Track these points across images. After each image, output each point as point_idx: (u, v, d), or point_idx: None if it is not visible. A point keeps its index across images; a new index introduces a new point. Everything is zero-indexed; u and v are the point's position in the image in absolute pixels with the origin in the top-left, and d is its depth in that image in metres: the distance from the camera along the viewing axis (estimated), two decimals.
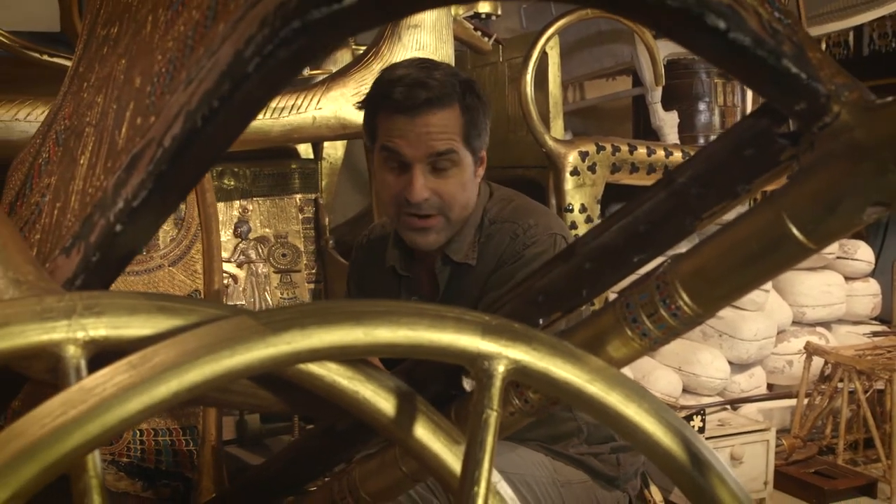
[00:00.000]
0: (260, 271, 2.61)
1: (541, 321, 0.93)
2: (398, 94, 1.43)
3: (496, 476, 0.80)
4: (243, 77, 0.61)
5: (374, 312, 0.73)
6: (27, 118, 2.20)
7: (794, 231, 0.72)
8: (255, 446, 3.19)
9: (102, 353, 0.73)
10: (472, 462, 0.74)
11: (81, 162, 0.96)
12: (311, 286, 2.68)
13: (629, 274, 0.88)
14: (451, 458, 0.83)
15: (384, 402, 0.82)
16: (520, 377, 0.76)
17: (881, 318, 4.14)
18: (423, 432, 0.83)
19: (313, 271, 2.70)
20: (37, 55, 2.42)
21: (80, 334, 0.71)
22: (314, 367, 0.79)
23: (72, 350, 0.71)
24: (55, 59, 2.47)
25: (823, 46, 4.33)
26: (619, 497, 1.59)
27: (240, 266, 2.60)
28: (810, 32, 3.41)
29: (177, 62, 0.76)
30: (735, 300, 0.80)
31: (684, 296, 0.78)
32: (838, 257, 3.58)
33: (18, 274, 0.77)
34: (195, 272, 1.72)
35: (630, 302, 0.83)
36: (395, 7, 0.57)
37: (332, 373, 0.80)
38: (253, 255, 2.63)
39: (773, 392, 3.36)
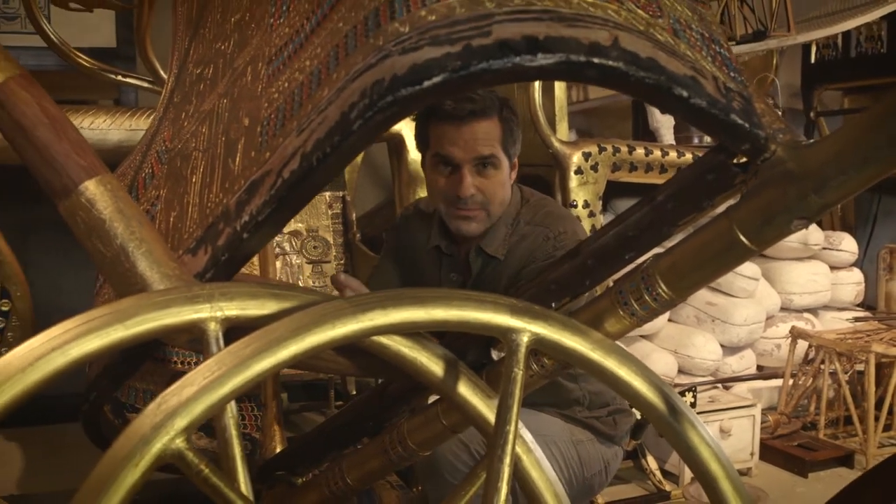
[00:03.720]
0: (293, 262, 2.87)
1: (553, 304, 1.19)
2: (448, 107, 1.67)
3: (520, 424, 1.06)
4: (349, 133, 0.87)
5: (433, 297, 0.99)
6: (91, 126, 2.45)
7: (742, 238, 0.98)
8: (284, 423, 3.46)
9: (230, 329, 0.99)
10: (504, 409, 1.00)
11: (193, 180, 1.22)
12: None
13: (622, 268, 1.14)
14: (486, 410, 1.09)
15: (435, 366, 1.08)
16: (539, 346, 1.02)
17: (867, 305, 4.40)
18: (465, 389, 1.09)
19: (342, 262, 2.96)
20: (112, 76, 2.69)
21: (219, 314, 0.97)
22: (384, 339, 1.05)
23: (213, 325, 0.97)
24: (128, 80, 2.74)
25: (813, 49, 4.57)
26: (616, 451, 1.88)
27: (276, 257, 2.86)
28: (798, 39, 3.65)
29: (286, 112, 1.02)
30: (701, 288, 1.07)
31: (662, 285, 1.04)
32: (824, 248, 3.83)
33: (167, 269, 1.03)
34: (252, 263, 1.98)
35: (622, 289, 1.09)
36: (462, 87, 0.83)
37: (397, 343, 1.06)
38: (287, 247, 2.89)
39: (762, 372, 3.62)
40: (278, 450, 1.70)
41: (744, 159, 1.01)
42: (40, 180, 1.04)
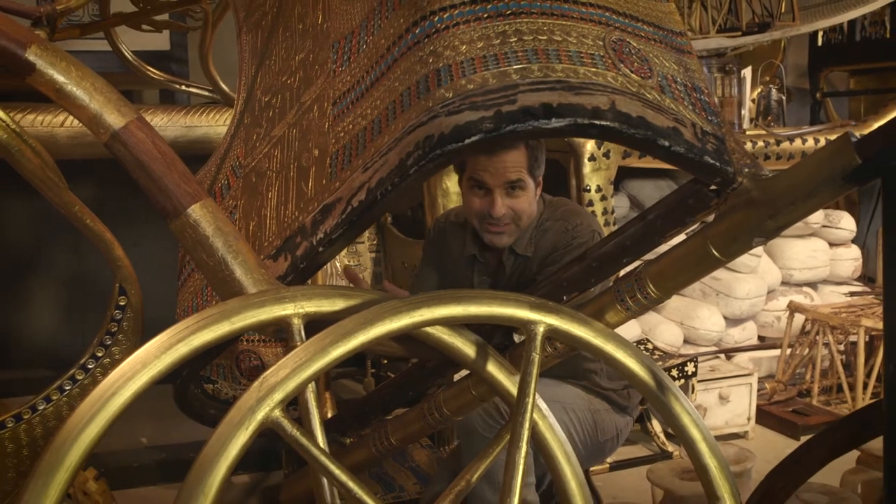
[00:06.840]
0: None
1: (565, 297, 1.45)
2: None
3: (537, 395, 1.32)
4: (406, 175, 1.13)
5: (468, 297, 1.25)
6: None
7: (714, 251, 1.23)
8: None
9: (308, 323, 1.25)
10: (524, 385, 1.26)
11: (269, 197, 1.48)
12: (373, 255, 3.21)
13: (620, 270, 1.40)
14: (510, 384, 1.35)
15: (468, 349, 1.34)
16: (552, 334, 1.27)
17: (868, 277, 4.63)
18: (493, 367, 1.35)
19: (374, 243, 3.23)
20: (177, 85, 2.96)
21: (301, 311, 1.24)
22: (429, 329, 1.31)
23: (296, 321, 1.23)
24: (191, 89, 3.02)
25: (820, 33, 4.76)
26: (628, 420, 2.15)
27: None
28: (802, 29, 3.84)
29: (352, 150, 1.27)
30: (682, 290, 1.32)
31: (651, 286, 1.30)
32: (823, 226, 4.06)
33: (257, 275, 1.29)
34: None
35: (620, 289, 1.35)
36: (495, 144, 1.08)
37: (439, 332, 1.32)
38: None
39: (762, 343, 3.87)
40: (329, 415, 1.98)
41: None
42: (155, 204, 1.30)
